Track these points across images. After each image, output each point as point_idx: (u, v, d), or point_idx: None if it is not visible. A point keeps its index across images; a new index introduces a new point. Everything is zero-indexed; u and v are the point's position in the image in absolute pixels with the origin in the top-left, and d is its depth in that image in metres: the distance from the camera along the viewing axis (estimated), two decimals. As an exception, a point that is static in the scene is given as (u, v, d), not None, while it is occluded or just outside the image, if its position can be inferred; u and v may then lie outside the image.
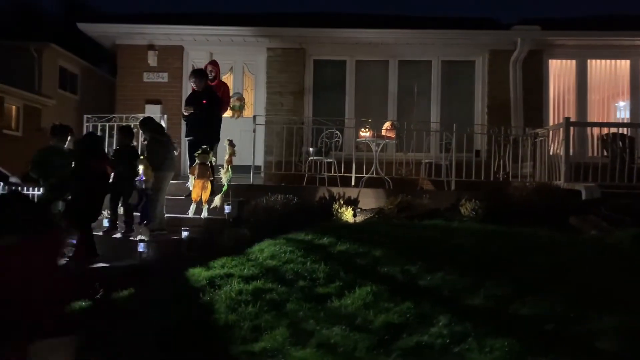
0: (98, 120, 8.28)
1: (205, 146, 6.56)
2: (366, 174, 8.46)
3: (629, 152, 8.64)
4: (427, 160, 9.13)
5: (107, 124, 8.25)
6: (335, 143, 9.12)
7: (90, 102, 18.68)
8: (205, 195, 6.28)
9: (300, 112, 9.97)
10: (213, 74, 7.81)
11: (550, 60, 9.78)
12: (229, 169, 6.68)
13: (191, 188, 6.46)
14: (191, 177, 6.44)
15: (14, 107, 17.58)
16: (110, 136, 8.06)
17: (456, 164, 8.61)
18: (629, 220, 6.70)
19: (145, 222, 5.55)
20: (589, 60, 9.78)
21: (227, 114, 10.31)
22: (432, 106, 10.04)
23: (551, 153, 8.20)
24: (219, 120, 7.55)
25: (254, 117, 8.36)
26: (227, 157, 6.70)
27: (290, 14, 10.95)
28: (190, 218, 6.26)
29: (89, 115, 8.35)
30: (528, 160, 8.73)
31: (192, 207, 6.31)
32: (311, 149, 9.12)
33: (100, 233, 6.23)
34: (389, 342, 3.50)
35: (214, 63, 8.08)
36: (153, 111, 9.37)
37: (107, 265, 5.36)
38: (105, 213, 6.30)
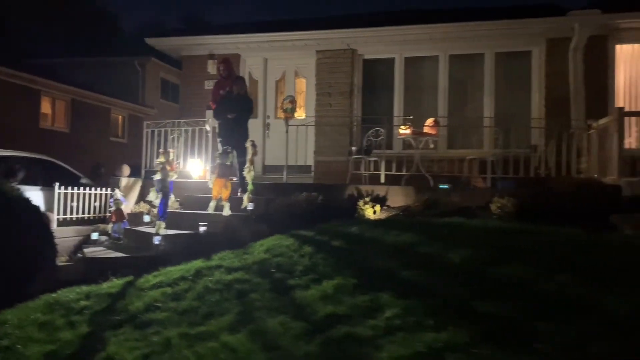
0: (155, 127, 9.11)
1: (226, 147, 6.98)
2: (408, 172, 8.37)
3: None
4: (472, 157, 8.81)
5: (163, 130, 9.04)
6: (381, 141, 9.12)
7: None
8: (226, 194, 6.69)
9: (349, 111, 10.09)
10: (226, 72, 8.16)
11: (617, 46, 8.91)
12: (251, 168, 7.04)
13: (211, 186, 6.91)
14: (212, 176, 6.89)
15: (120, 116, 19.65)
16: (166, 140, 8.85)
17: (509, 160, 8.21)
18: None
19: (163, 217, 6.08)
20: (665, 42, 8.78)
21: (280, 115, 10.79)
22: (486, 100, 9.62)
23: (611, 147, 7.53)
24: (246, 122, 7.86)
25: (286, 119, 8.67)
26: (249, 157, 7.07)
27: (337, 16, 11.09)
28: (210, 214, 6.71)
29: (148, 122, 9.22)
30: (584, 155, 8.09)
31: (212, 204, 6.75)
32: (353, 148, 9.21)
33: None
34: (321, 331, 3.59)
35: (224, 61, 8.40)
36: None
37: (127, 255, 5.98)
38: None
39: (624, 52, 9.00)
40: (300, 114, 10.45)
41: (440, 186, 7.86)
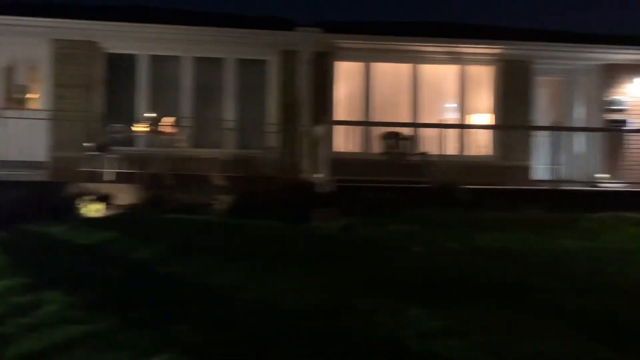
0: None
1: None
2: (147, 170, 8.41)
3: (405, 148, 9.36)
4: (211, 156, 9.24)
5: None
6: (122, 138, 9.00)
7: None
8: None
9: (88, 106, 9.66)
10: None
11: (338, 62, 10.20)
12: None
13: None
14: None
15: None
16: None
17: (245, 159, 8.80)
18: (377, 211, 7.19)
19: None
20: (373, 63, 10.33)
21: (10, 106, 9.85)
22: (227, 103, 10.11)
23: (322, 150, 8.59)
24: None
25: (9, 110, 8.03)
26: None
27: (81, 5, 10.50)
28: None
29: None
30: (306, 157, 9.11)
31: None
32: (91, 145, 8.88)
33: None
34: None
35: None
36: None
37: None
38: None
39: (344, 68, 10.36)
40: (34, 105, 9.69)
41: None
